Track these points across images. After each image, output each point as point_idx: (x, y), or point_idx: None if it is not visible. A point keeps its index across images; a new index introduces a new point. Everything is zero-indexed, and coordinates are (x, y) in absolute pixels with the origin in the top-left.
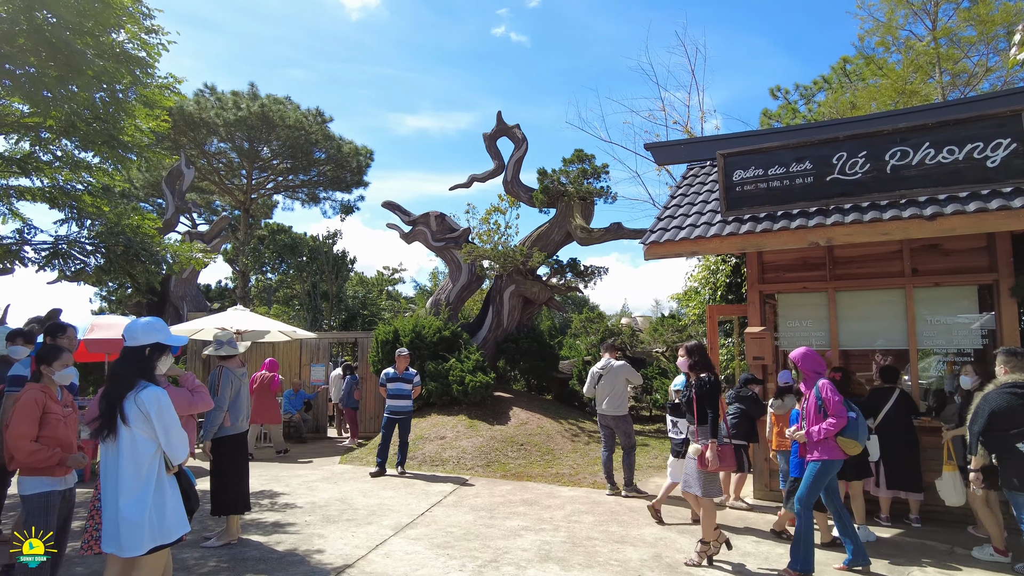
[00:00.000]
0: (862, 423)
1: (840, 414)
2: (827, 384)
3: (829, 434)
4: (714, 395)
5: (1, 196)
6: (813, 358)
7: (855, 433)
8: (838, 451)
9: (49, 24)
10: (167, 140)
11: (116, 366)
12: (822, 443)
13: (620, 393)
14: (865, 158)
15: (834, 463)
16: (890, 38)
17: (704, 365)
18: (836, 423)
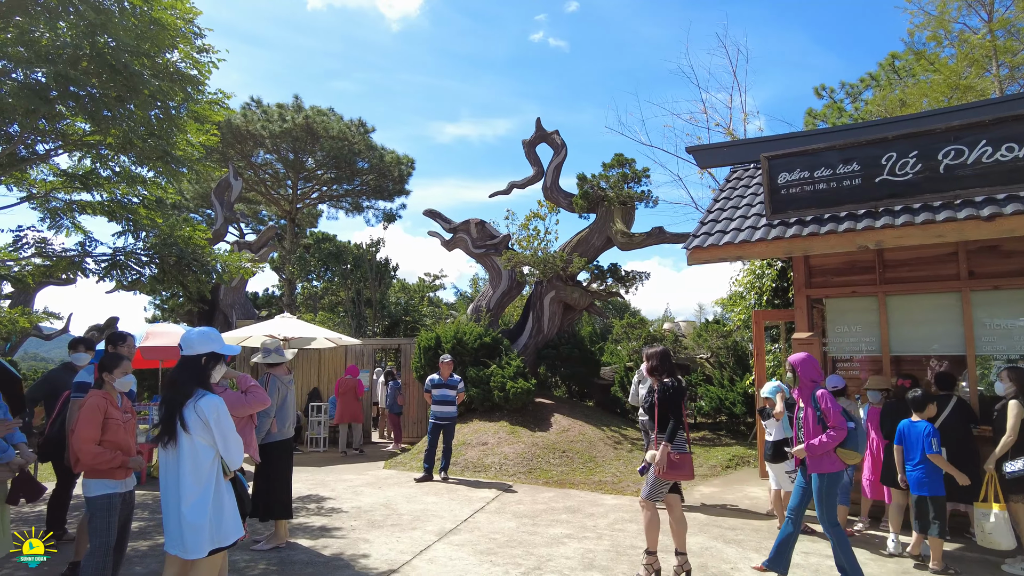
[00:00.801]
0: (861, 433)
1: (841, 425)
2: (826, 394)
3: (830, 446)
4: (676, 400)
5: (65, 211)
6: (813, 365)
7: (855, 444)
8: (839, 463)
9: (110, 47)
10: (216, 153)
11: (174, 374)
12: (824, 456)
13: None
14: (916, 158)
15: (838, 475)
16: (942, 32)
17: (666, 370)
18: (837, 434)
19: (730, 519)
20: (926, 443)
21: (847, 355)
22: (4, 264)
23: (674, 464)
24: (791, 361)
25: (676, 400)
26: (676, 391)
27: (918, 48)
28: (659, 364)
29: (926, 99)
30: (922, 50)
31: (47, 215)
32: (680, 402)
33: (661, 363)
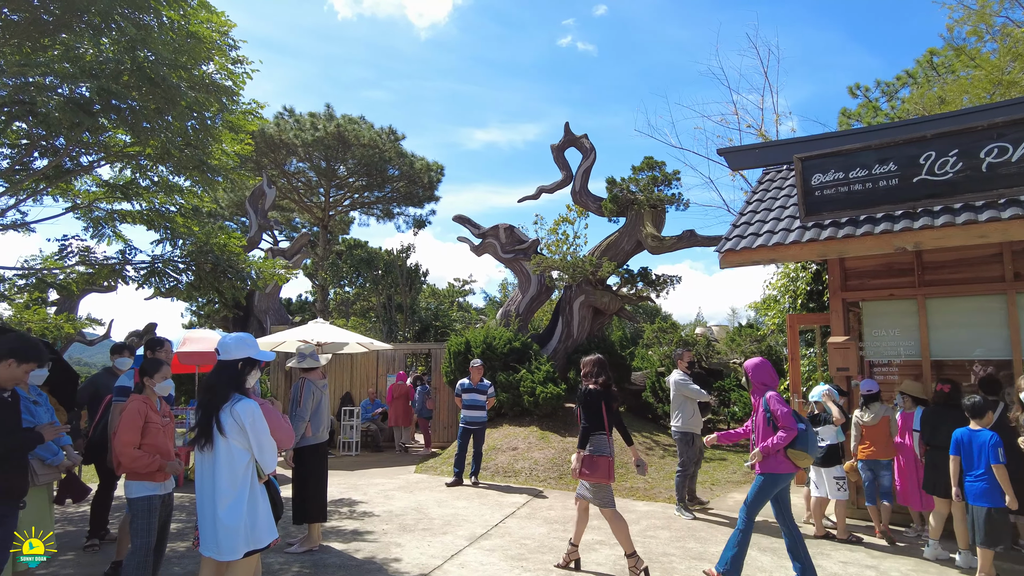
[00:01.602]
0: (811, 435)
1: (790, 426)
2: (774, 396)
3: (779, 447)
4: (590, 405)
5: (107, 220)
6: (766, 369)
7: (804, 445)
8: (787, 464)
9: (149, 61)
10: (250, 162)
11: (211, 379)
12: (774, 457)
13: (679, 408)
14: (957, 156)
15: (780, 476)
16: (983, 26)
17: (590, 376)
18: (786, 435)
19: (763, 527)
20: (991, 453)
21: (885, 359)
22: (51, 272)
23: (594, 466)
24: (745, 366)
25: (590, 404)
26: (591, 395)
27: (958, 44)
28: (590, 370)
29: (967, 96)
30: (962, 45)
31: (90, 224)
32: (595, 406)
33: (591, 369)
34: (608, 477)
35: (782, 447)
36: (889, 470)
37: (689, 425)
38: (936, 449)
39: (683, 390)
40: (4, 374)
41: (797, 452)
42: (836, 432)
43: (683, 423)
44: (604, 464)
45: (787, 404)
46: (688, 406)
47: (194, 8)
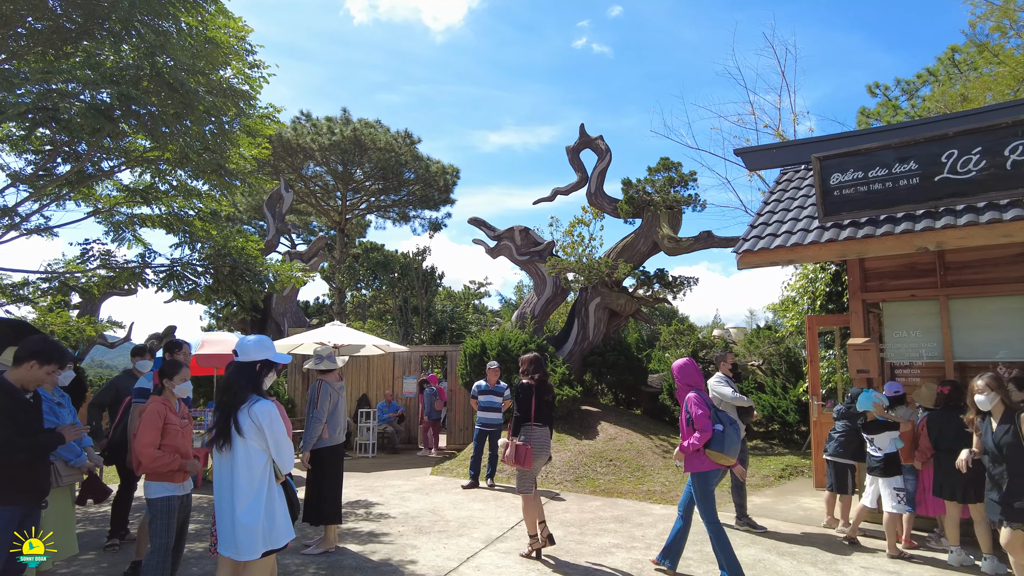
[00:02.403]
0: (729, 436)
1: (705, 428)
2: (694, 397)
3: (696, 447)
4: (523, 398)
5: (127, 224)
6: (691, 371)
7: (721, 446)
8: (709, 463)
9: (168, 67)
10: (267, 166)
11: (229, 380)
12: (695, 456)
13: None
14: (980, 154)
15: (709, 474)
16: (1007, 21)
17: (526, 373)
18: (701, 437)
19: (783, 531)
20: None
21: (906, 361)
22: (73, 276)
23: (519, 455)
24: (672, 368)
25: (525, 399)
26: (524, 389)
27: (980, 40)
28: (527, 368)
29: (990, 93)
30: (985, 42)
31: (111, 228)
32: (528, 400)
33: (528, 367)
34: (529, 464)
35: (699, 447)
36: (913, 475)
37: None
38: (943, 452)
39: (718, 391)
40: (26, 375)
41: (714, 452)
42: (893, 440)
43: None
44: (527, 452)
45: (705, 406)
46: (728, 409)
47: (212, 14)
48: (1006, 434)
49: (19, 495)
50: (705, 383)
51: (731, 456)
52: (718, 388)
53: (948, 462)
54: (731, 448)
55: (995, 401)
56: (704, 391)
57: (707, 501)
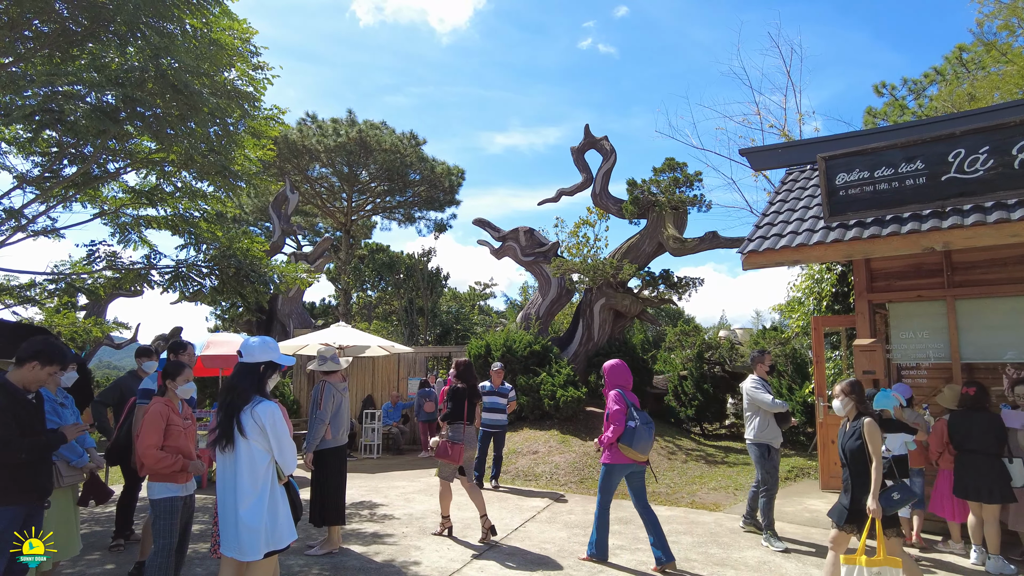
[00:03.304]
0: (640, 433)
1: (618, 423)
2: (614, 395)
3: (609, 441)
4: (458, 400)
5: (133, 226)
6: (620, 371)
7: (630, 441)
8: (621, 456)
9: (172, 69)
10: (273, 167)
11: (233, 381)
12: (610, 448)
13: (752, 416)
14: (987, 153)
15: (618, 467)
16: (1015, 20)
17: (458, 378)
18: (615, 431)
19: (789, 533)
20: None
21: (913, 362)
22: (79, 277)
23: (444, 450)
24: (603, 368)
25: (459, 400)
26: (459, 392)
27: (988, 39)
28: (459, 373)
29: (998, 92)
30: (993, 40)
31: (117, 230)
32: (462, 402)
33: (460, 372)
34: (457, 460)
35: (613, 441)
36: (921, 476)
37: (764, 436)
38: (967, 453)
39: (755, 398)
40: (28, 376)
41: (624, 447)
42: (905, 443)
43: (756, 433)
44: (458, 450)
45: (624, 403)
46: (763, 414)
47: (216, 16)
48: (851, 438)
49: (21, 495)
50: (631, 382)
51: (640, 452)
52: (756, 395)
53: (971, 463)
54: (640, 444)
55: (848, 407)
56: (628, 390)
57: (607, 489)
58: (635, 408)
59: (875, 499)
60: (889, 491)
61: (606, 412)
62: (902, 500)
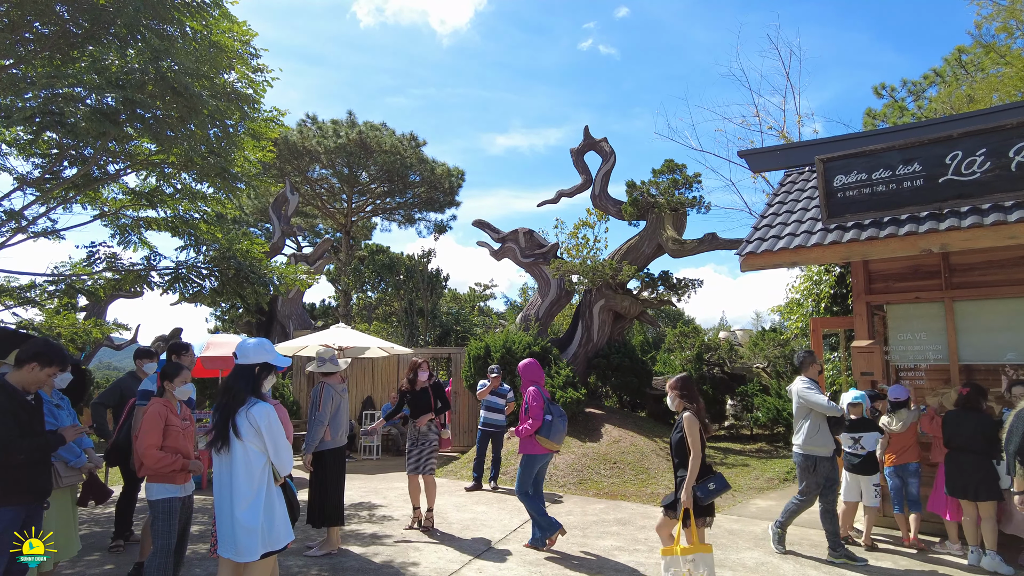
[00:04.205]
0: (556, 425)
1: (536, 417)
2: (533, 391)
3: (528, 433)
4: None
5: (133, 227)
6: (534, 369)
7: (547, 433)
8: (539, 447)
9: (172, 71)
10: (273, 169)
11: (229, 382)
12: (528, 440)
13: (801, 422)
14: (985, 156)
15: (535, 457)
16: (1013, 22)
17: (414, 380)
18: (532, 424)
19: (788, 534)
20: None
21: (911, 364)
22: (79, 278)
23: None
24: (519, 367)
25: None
26: (437, 385)
27: (987, 41)
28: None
29: (996, 94)
30: (992, 42)
31: (117, 231)
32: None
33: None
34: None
35: (531, 433)
36: (917, 476)
37: (812, 444)
38: (956, 451)
39: (808, 399)
40: (27, 378)
41: (543, 439)
42: (878, 440)
43: (804, 440)
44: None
45: (541, 399)
46: (813, 420)
47: (216, 18)
48: (675, 431)
49: (21, 496)
50: (544, 379)
51: (556, 443)
52: (809, 396)
53: (960, 462)
54: (556, 435)
55: (676, 402)
56: (542, 386)
57: (525, 479)
58: (550, 402)
59: (688, 489)
60: (706, 482)
61: (523, 407)
62: (717, 490)
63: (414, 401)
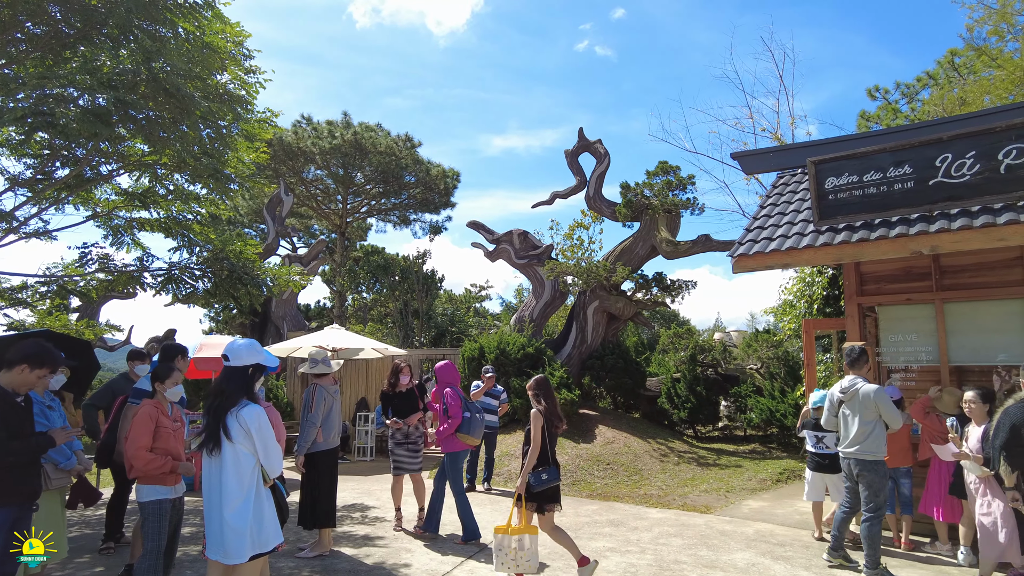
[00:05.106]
0: (475, 422)
1: (455, 416)
2: (450, 392)
3: (448, 432)
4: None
5: (126, 228)
6: (450, 370)
7: (467, 430)
8: (460, 444)
9: (165, 72)
10: (268, 169)
11: (220, 384)
12: (449, 439)
13: (869, 426)
14: (974, 158)
15: (459, 454)
16: (1005, 25)
17: (392, 384)
18: (452, 423)
19: (779, 535)
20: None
21: (902, 365)
22: (71, 279)
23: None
24: (435, 369)
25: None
26: (420, 387)
27: (978, 44)
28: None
29: (988, 96)
30: (983, 45)
31: (110, 232)
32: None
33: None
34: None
35: (452, 432)
36: (909, 478)
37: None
38: None
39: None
40: (17, 379)
41: (463, 435)
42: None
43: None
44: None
45: (459, 399)
46: (881, 425)
47: (209, 20)
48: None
49: (10, 497)
50: (459, 381)
51: (475, 438)
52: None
53: None
54: (475, 431)
55: (532, 400)
56: (458, 387)
57: (456, 474)
58: (467, 401)
59: (523, 477)
60: (540, 472)
61: (443, 407)
62: (548, 481)
63: (399, 403)
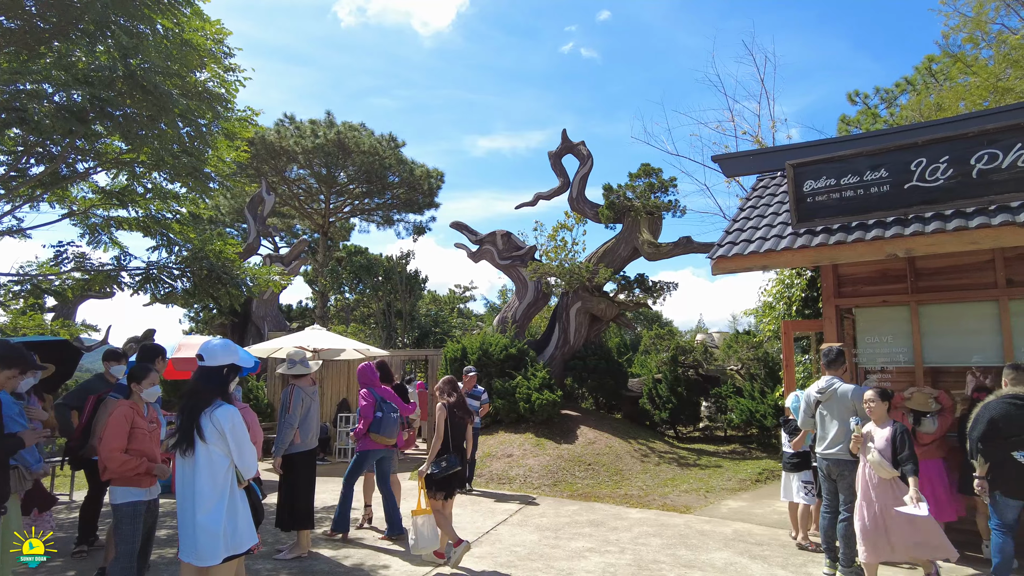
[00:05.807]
0: (387, 422)
1: (366, 416)
2: (364, 392)
3: (361, 432)
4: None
5: (103, 227)
6: (368, 372)
7: (378, 429)
8: (373, 444)
9: (142, 69)
10: (249, 168)
11: (197, 384)
12: (364, 438)
13: (846, 430)
14: (948, 163)
15: (369, 452)
16: (979, 33)
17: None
18: (364, 423)
19: (757, 534)
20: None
21: (879, 366)
22: (46, 278)
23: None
24: (357, 370)
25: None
26: (400, 387)
27: (954, 51)
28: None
29: (963, 102)
30: (959, 53)
31: (87, 231)
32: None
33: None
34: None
35: (364, 432)
36: None
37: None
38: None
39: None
40: None
41: (376, 435)
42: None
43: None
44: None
45: (372, 399)
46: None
47: (188, 17)
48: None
49: None
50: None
51: (388, 437)
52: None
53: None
54: (387, 430)
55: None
56: (376, 388)
57: (355, 473)
58: (383, 401)
59: (428, 465)
60: (440, 460)
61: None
62: (447, 468)
63: None
